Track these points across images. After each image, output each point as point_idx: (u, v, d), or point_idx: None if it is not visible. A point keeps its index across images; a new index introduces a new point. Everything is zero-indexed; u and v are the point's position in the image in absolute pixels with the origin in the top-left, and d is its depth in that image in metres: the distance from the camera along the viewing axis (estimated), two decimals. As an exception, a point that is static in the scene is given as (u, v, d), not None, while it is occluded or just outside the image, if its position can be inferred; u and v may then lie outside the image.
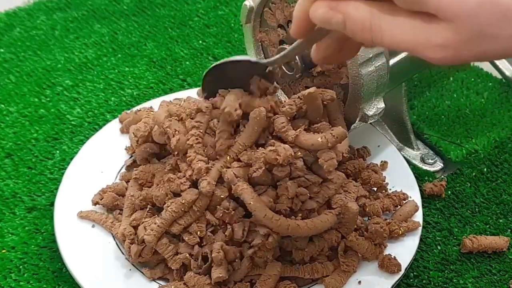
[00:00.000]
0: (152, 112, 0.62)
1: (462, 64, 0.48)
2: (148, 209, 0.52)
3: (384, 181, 0.57)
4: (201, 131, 0.51)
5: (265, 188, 0.50)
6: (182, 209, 0.49)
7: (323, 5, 0.34)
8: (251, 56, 0.62)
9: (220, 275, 0.48)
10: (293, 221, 0.48)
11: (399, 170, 0.60)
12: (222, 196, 0.49)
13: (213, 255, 0.48)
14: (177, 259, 0.50)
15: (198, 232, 0.50)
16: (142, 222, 0.51)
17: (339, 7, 0.33)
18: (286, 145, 0.48)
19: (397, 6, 0.32)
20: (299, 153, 0.49)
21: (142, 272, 0.52)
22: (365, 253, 0.52)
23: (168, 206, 0.50)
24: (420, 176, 0.63)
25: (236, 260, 0.50)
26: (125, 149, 0.61)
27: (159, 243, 0.50)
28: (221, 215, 0.49)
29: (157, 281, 0.51)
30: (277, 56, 0.45)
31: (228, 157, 0.50)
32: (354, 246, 0.51)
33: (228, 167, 0.49)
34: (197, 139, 0.50)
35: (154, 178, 0.54)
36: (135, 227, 0.52)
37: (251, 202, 0.47)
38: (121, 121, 0.65)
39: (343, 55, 0.40)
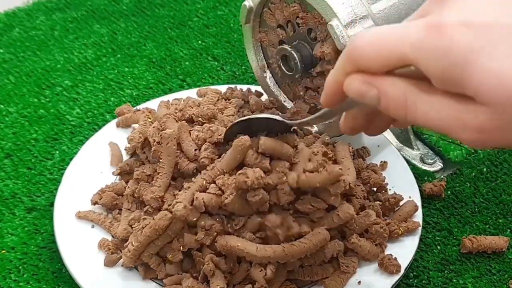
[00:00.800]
0: (149, 114, 0.61)
1: (496, 147, 0.47)
2: (145, 209, 0.52)
3: (384, 181, 0.57)
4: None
5: (245, 220, 0.48)
6: (156, 234, 0.49)
7: (358, 79, 0.34)
8: (250, 56, 0.62)
9: (218, 287, 0.48)
10: (287, 244, 0.47)
11: (398, 170, 0.60)
12: (194, 219, 0.48)
13: (203, 268, 0.48)
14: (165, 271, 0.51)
15: (181, 247, 0.49)
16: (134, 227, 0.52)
17: (375, 82, 0.33)
18: (257, 169, 0.47)
19: (434, 86, 0.31)
20: (284, 178, 0.47)
21: (141, 273, 0.52)
22: (367, 254, 0.51)
23: (142, 228, 0.49)
24: (420, 176, 0.63)
25: (233, 265, 0.49)
26: (125, 149, 0.61)
27: (143, 254, 0.50)
28: (202, 236, 0.48)
29: (157, 282, 0.51)
30: (304, 120, 0.46)
31: (204, 181, 0.49)
32: (356, 248, 0.51)
33: (203, 191, 0.49)
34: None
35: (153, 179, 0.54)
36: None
37: (239, 244, 0.47)
38: (118, 115, 0.65)
39: (372, 129, 0.40)
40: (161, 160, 0.51)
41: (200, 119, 0.56)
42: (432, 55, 0.30)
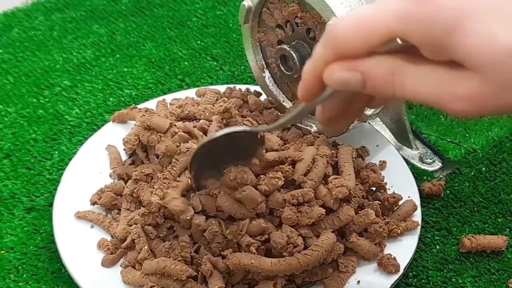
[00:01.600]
0: (145, 114, 0.61)
1: (485, 116, 0.46)
2: (142, 212, 0.52)
3: (383, 181, 0.57)
4: None
5: (247, 223, 0.48)
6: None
7: (339, 67, 0.32)
8: (249, 55, 0.62)
9: (216, 286, 0.48)
10: (300, 255, 0.48)
11: (397, 170, 0.60)
12: (188, 218, 0.48)
13: (201, 268, 0.48)
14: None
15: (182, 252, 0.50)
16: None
17: (358, 66, 0.32)
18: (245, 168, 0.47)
19: (421, 57, 0.30)
20: (280, 182, 0.48)
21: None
22: (366, 253, 0.52)
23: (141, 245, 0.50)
24: (419, 175, 0.63)
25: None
26: (124, 149, 0.61)
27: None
28: (212, 237, 0.49)
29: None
30: (275, 124, 0.43)
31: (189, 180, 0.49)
32: (355, 247, 0.51)
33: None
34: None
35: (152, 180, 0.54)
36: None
37: (253, 261, 0.47)
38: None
39: (349, 114, 0.39)
40: (174, 169, 0.51)
41: (205, 112, 0.56)
42: (419, 23, 0.29)
